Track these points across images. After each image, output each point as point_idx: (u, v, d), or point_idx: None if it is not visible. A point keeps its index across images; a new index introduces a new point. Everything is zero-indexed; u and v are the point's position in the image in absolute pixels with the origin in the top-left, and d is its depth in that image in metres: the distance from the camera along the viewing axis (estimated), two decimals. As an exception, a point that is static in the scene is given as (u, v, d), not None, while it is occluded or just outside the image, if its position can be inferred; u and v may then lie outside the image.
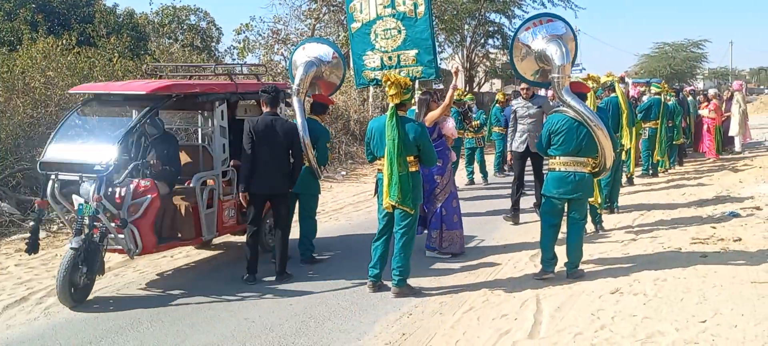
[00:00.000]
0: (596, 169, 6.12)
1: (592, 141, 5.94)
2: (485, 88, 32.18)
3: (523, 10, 26.72)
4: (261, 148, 6.13)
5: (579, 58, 44.37)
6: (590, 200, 7.76)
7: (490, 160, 14.01)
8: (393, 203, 5.64)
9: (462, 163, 12.60)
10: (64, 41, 12.12)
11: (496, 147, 13.99)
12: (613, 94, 9.32)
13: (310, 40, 8.17)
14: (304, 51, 7.67)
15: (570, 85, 6.11)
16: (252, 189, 6.21)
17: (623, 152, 10.33)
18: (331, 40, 8.71)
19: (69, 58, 11.56)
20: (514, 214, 8.86)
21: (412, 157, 5.70)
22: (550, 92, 9.07)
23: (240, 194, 6.27)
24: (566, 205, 6.16)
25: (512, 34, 6.97)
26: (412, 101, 6.44)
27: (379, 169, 5.94)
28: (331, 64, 7.63)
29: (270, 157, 6.15)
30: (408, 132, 5.64)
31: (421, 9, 6.92)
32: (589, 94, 8.02)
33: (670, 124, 13.36)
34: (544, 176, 6.66)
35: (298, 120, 6.85)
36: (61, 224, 8.71)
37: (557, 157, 6.06)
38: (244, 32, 21.47)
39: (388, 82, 5.67)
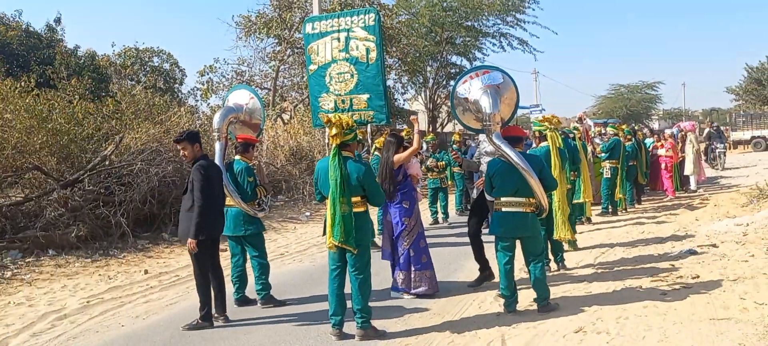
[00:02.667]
0: (537, 210, 6.31)
1: (527, 182, 6.16)
2: (448, 128, 32.62)
3: (483, 53, 27.41)
4: (217, 191, 6.21)
5: (538, 99, 45.43)
6: (559, 236, 7.94)
7: (452, 199, 14.19)
8: (336, 243, 5.57)
9: (425, 203, 12.69)
10: (22, 83, 11.92)
11: (457, 186, 14.28)
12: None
13: (232, 90, 8.48)
14: (228, 102, 8.02)
15: (507, 129, 6.53)
16: (211, 233, 6.17)
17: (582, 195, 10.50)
18: (254, 88, 8.73)
19: (27, 100, 11.36)
20: (485, 275, 7.53)
21: (358, 198, 5.67)
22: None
23: (192, 241, 6.00)
24: (520, 244, 6.33)
25: (451, 88, 7.25)
26: (375, 148, 6.49)
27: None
28: (248, 107, 7.90)
29: (219, 200, 6.30)
30: (351, 172, 5.62)
31: (373, 55, 7.12)
32: (549, 135, 8.19)
33: (633, 163, 13.70)
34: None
35: (218, 163, 6.84)
36: (15, 270, 8.46)
37: (499, 199, 6.31)
38: (207, 74, 21.42)
39: (330, 123, 5.66)
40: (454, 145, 14.59)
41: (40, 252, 9.47)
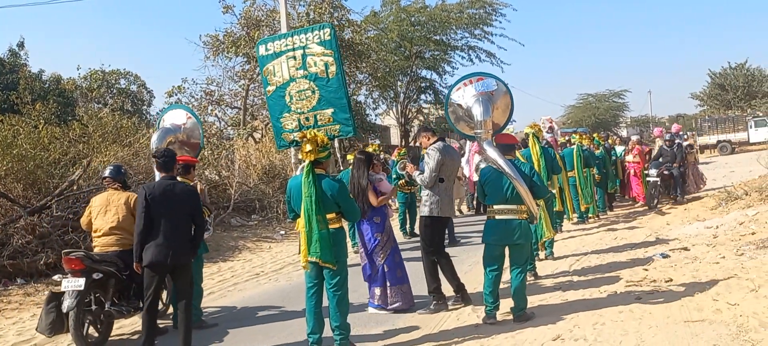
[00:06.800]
0: (529, 217, 6.34)
1: (517, 190, 6.19)
2: (420, 142, 32.74)
3: (452, 66, 27.67)
4: (160, 215, 5.70)
5: (509, 111, 45.86)
6: (548, 236, 8.13)
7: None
8: (314, 260, 5.47)
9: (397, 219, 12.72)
10: (-15, 109, 11.70)
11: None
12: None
13: (167, 110, 8.46)
14: (164, 122, 8.02)
15: (499, 137, 6.51)
16: (152, 259, 5.67)
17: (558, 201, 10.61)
18: (191, 108, 8.45)
19: (-9, 127, 11.14)
20: (461, 296, 7.16)
21: (333, 215, 5.60)
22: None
23: (135, 264, 5.76)
24: (508, 251, 6.32)
25: (445, 94, 7.24)
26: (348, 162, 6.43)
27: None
28: (186, 127, 7.90)
29: (171, 224, 5.72)
30: (325, 189, 5.55)
31: (333, 69, 7.06)
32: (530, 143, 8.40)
33: (592, 172, 13.84)
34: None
35: None
36: None
37: (492, 206, 6.31)
38: (176, 94, 21.18)
39: (305, 139, 5.58)
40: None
41: (8, 281, 9.23)
